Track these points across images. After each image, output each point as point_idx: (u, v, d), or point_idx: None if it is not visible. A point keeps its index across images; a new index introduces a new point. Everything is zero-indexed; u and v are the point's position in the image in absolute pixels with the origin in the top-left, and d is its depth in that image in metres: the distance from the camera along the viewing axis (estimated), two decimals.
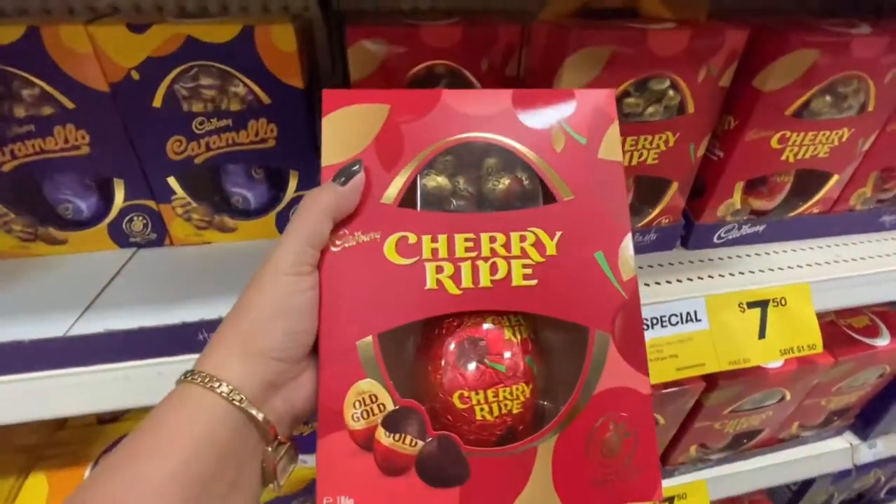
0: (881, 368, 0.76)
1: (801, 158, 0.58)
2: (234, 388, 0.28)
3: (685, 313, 0.55)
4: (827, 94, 0.53)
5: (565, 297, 0.32)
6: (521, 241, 0.33)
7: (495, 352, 0.32)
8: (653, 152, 0.54)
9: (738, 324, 0.56)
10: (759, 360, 0.56)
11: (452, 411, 0.32)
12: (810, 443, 0.89)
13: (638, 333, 0.32)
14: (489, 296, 0.32)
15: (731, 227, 0.63)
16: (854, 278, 0.61)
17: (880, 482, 1.23)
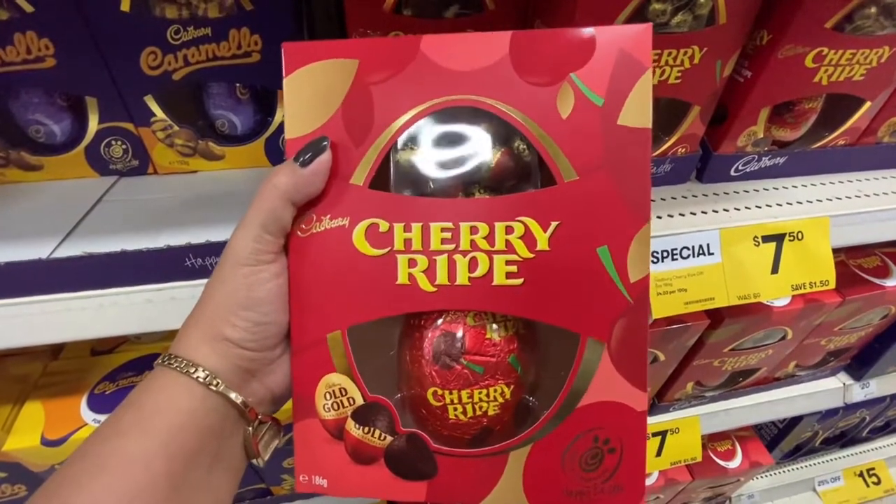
0: (886, 309, 0.76)
1: (834, 81, 0.53)
2: (211, 374, 0.28)
3: (697, 246, 0.53)
4: (872, 5, 0.48)
5: (555, 300, 0.28)
6: (508, 232, 0.28)
7: (474, 351, 0.29)
8: (675, 70, 0.49)
9: (752, 258, 0.54)
10: (770, 296, 0.54)
11: (426, 406, 0.31)
12: (804, 382, 0.90)
13: (640, 344, 0.28)
14: (466, 295, 0.29)
15: (751, 159, 0.60)
16: (876, 213, 0.58)
17: (864, 421, 1.27)
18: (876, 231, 0.60)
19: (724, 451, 1.06)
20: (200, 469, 0.27)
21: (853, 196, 0.60)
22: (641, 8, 0.45)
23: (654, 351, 0.68)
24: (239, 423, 0.30)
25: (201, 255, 0.44)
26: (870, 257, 0.76)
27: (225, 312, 0.28)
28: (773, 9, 0.48)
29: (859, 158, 0.63)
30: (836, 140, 0.61)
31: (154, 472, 0.25)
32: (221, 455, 0.29)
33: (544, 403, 0.30)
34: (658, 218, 0.54)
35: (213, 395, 0.28)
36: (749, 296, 0.54)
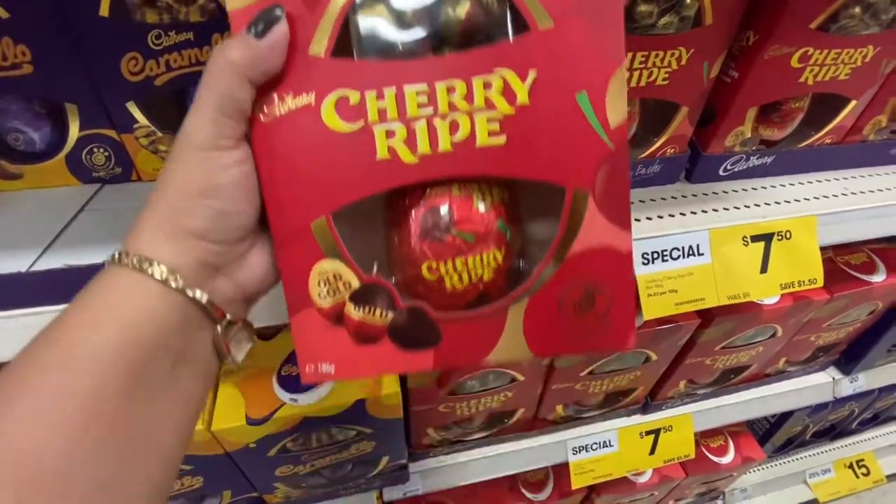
0: (873, 304, 0.77)
1: (820, 81, 0.53)
2: (169, 269, 0.25)
3: (687, 247, 0.53)
4: (857, 5, 0.48)
5: (539, 156, 0.28)
6: (486, 88, 0.26)
7: (463, 220, 0.29)
8: (663, 71, 0.49)
9: (741, 258, 0.54)
10: (760, 295, 0.55)
11: (423, 282, 0.30)
12: (794, 377, 0.91)
13: (623, 187, 0.29)
14: (450, 161, 0.27)
15: (739, 159, 0.60)
16: (862, 211, 0.59)
17: (853, 414, 1.29)
18: (863, 229, 0.60)
19: (716, 446, 1.07)
20: (162, 366, 0.25)
21: (840, 194, 0.60)
22: (629, 9, 0.45)
23: (646, 351, 0.68)
24: (205, 323, 0.27)
25: None
26: (857, 254, 0.77)
27: (183, 201, 0.25)
28: (758, 10, 0.48)
29: (845, 157, 0.64)
30: (822, 139, 0.61)
31: (107, 366, 0.22)
32: (188, 356, 0.26)
33: (537, 258, 0.30)
34: (648, 219, 0.54)
35: (173, 293, 0.25)
36: (739, 295, 0.54)
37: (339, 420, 0.53)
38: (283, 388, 0.53)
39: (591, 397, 0.76)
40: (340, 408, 0.52)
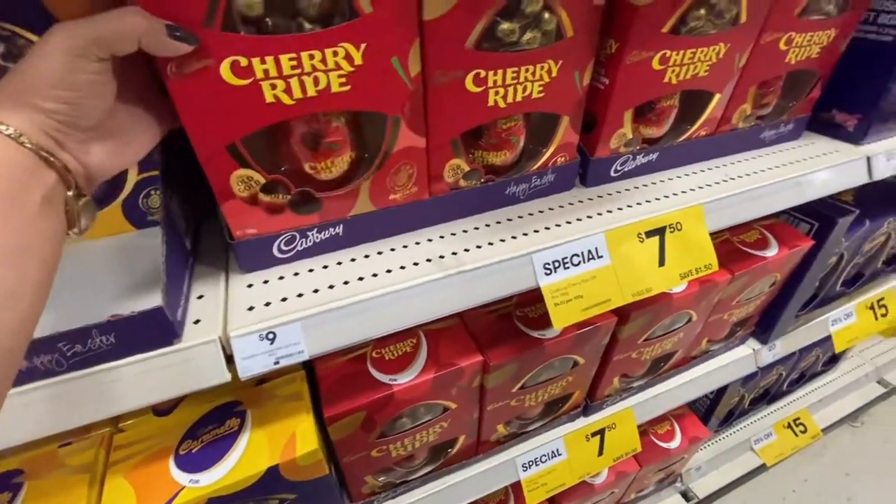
0: (773, 277, 0.82)
1: (683, 79, 0.57)
2: (20, 132, 0.28)
3: (587, 252, 0.53)
4: (701, 7, 0.52)
5: (371, 96, 0.42)
6: (334, 56, 0.39)
7: (328, 134, 0.44)
8: (537, 85, 0.50)
9: (639, 254, 0.55)
10: (662, 287, 0.56)
11: (307, 176, 0.46)
12: (719, 355, 0.96)
13: (419, 112, 0.46)
14: (316, 102, 0.40)
15: (626, 159, 0.62)
16: (743, 194, 0.63)
17: (782, 377, 1.38)
18: (747, 210, 0.64)
19: (664, 433, 1.10)
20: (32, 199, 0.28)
21: (721, 181, 0.64)
22: (491, 27, 0.45)
23: (572, 356, 0.68)
24: (56, 187, 0.30)
25: None
26: (750, 231, 0.82)
27: (38, 85, 0.29)
28: (615, 19, 0.51)
29: (722, 145, 0.68)
30: (697, 132, 0.65)
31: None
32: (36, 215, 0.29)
33: (374, 156, 0.47)
34: (546, 229, 0.54)
35: (25, 151, 0.28)
36: (643, 291, 0.55)
37: (255, 492, 0.48)
38: (181, 468, 0.47)
39: (530, 410, 0.75)
40: (251, 479, 0.47)
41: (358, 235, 0.51)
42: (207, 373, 0.41)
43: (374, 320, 0.46)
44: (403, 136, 0.46)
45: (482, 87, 0.47)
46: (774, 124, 0.71)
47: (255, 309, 0.44)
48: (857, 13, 0.63)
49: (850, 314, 1.07)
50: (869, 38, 0.68)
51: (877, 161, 0.71)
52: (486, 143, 0.54)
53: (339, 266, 0.49)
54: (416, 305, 0.47)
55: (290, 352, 0.43)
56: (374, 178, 0.48)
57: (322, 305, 0.44)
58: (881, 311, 1.11)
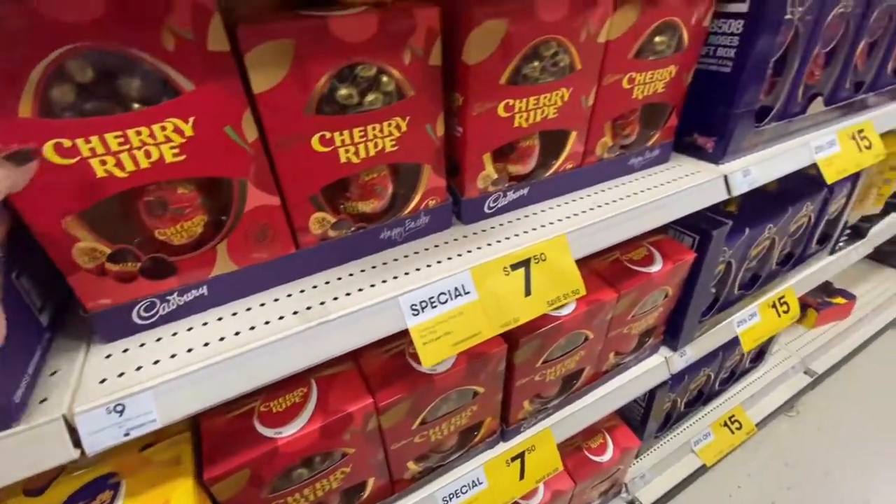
0: (663, 290, 0.87)
1: (534, 122, 0.62)
2: None
3: (454, 289, 0.56)
4: (534, 60, 0.57)
5: (209, 162, 0.45)
6: (163, 130, 0.41)
7: (175, 202, 0.46)
8: (388, 140, 0.53)
9: (505, 287, 0.59)
10: (529, 316, 0.60)
11: (160, 242, 0.48)
12: (633, 366, 1.00)
13: (266, 174, 0.49)
14: (151, 172, 0.43)
15: (498, 196, 0.66)
16: (608, 220, 0.67)
17: (712, 378, 1.44)
18: (613, 235, 0.69)
19: (596, 446, 1.13)
20: None
21: (588, 210, 0.69)
22: (331, 93, 0.48)
23: (470, 387, 0.70)
24: None
25: None
26: (639, 249, 0.88)
27: None
28: (455, 77, 0.55)
29: (590, 175, 0.73)
30: (564, 165, 0.70)
31: None
32: None
33: (228, 215, 0.49)
34: (417, 270, 0.57)
35: None
36: (510, 321, 0.58)
37: None
38: None
39: (442, 443, 0.76)
40: None
41: (225, 294, 0.53)
42: (53, 452, 0.41)
43: (230, 381, 0.47)
44: (253, 197, 0.49)
45: (330, 147, 0.50)
46: (640, 151, 0.77)
47: (106, 381, 0.44)
48: (692, 51, 0.70)
49: (753, 314, 1.14)
50: (712, 70, 0.76)
51: (734, 178, 0.78)
52: (352, 194, 0.57)
53: (205, 327, 0.50)
54: (277, 360, 0.48)
55: (141, 422, 0.43)
56: (229, 239, 0.50)
57: (177, 371, 0.45)
58: (783, 309, 1.19)
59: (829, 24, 0.78)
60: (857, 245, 1.36)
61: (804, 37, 0.76)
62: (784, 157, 0.84)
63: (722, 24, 0.72)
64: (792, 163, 0.86)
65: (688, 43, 0.69)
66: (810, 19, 0.75)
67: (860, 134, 0.95)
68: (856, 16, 0.82)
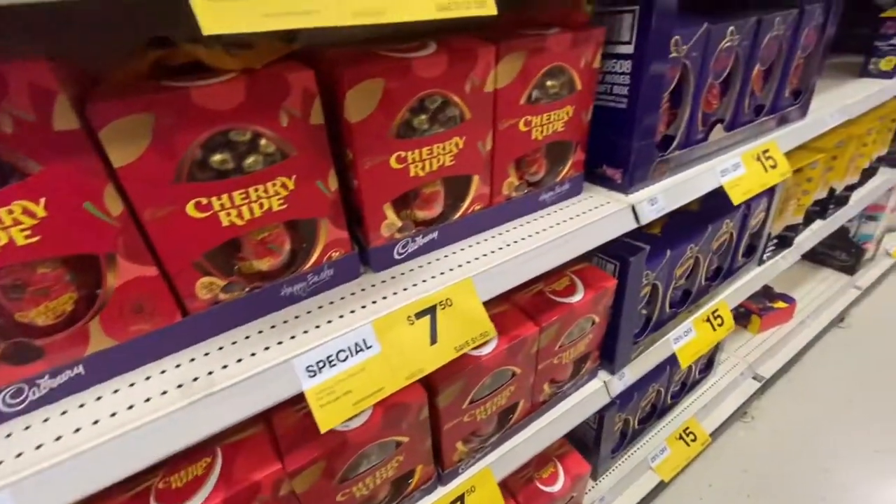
0: (589, 318, 0.89)
1: (431, 171, 0.62)
2: None
3: (354, 345, 0.55)
4: (420, 113, 0.58)
5: (68, 240, 0.44)
6: (10, 213, 0.40)
7: (36, 283, 0.44)
8: (274, 199, 0.53)
9: (410, 337, 0.58)
10: (436, 365, 0.59)
11: (23, 325, 0.46)
12: (571, 393, 1.00)
13: (139, 245, 0.48)
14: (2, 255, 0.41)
15: (406, 242, 0.66)
16: (517, 258, 0.68)
17: (662, 393, 1.46)
18: (522, 272, 0.70)
19: (548, 476, 1.12)
20: None
21: (497, 249, 0.70)
22: (203, 159, 0.48)
23: (393, 438, 0.69)
24: None
25: None
26: (562, 279, 0.89)
27: None
28: (341, 134, 0.56)
29: (501, 214, 0.75)
30: (471, 207, 0.71)
31: None
32: None
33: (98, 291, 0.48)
34: (317, 328, 0.56)
35: None
36: (416, 372, 0.58)
37: None
38: None
39: (372, 496, 0.74)
40: None
41: (105, 371, 0.50)
42: None
43: (105, 468, 0.44)
44: (125, 270, 0.48)
45: (208, 212, 0.49)
46: (550, 187, 0.79)
47: None
48: (586, 92, 0.74)
49: (689, 330, 1.17)
50: (611, 106, 0.79)
51: (641, 208, 0.81)
52: (246, 254, 0.56)
53: (81, 409, 0.48)
54: (158, 440, 0.46)
55: None
56: (102, 315, 0.48)
57: (42, 462, 0.42)
58: (717, 322, 1.23)
59: (718, 58, 0.83)
60: (785, 253, 1.42)
61: (694, 71, 0.81)
62: (691, 182, 0.88)
63: (614, 63, 0.76)
64: (699, 188, 0.90)
65: (580, 85, 0.72)
66: (697, 55, 0.80)
67: (765, 154, 1.01)
68: (744, 47, 0.88)
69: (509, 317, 0.81)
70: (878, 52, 1.48)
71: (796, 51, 0.99)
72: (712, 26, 0.79)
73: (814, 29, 1.00)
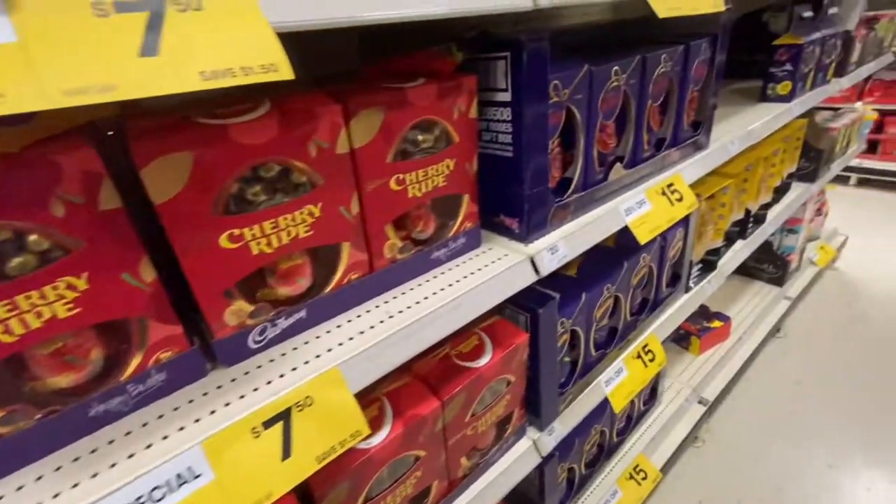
0: (502, 380, 0.81)
1: (282, 245, 0.54)
2: None
3: (176, 477, 0.45)
4: (253, 184, 0.50)
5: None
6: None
7: None
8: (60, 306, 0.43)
9: (255, 454, 0.48)
10: (290, 485, 0.49)
11: None
12: (497, 459, 0.92)
13: None
14: None
15: (265, 327, 0.57)
16: (405, 329, 0.60)
17: (606, 432, 1.40)
18: (409, 346, 0.62)
19: None
20: None
21: (378, 323, 0.61)
22: None
23: None
24: None
25: None
26: (470, 338, 0.82)
27: None
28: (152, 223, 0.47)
29: (382, 282, 0.67)
30: (347, 277, 0.63)
31: None
32: None
33: None
34: (130, 457, 0.45)
35: None
36: (262, 499, 0.48)
37: None
38: None
39: None
40: None
41: None
42: None
43: None
44: None
45: None
46: (442, 243, 0.72)
47: None
48: (466, 142, 0.68)
49: (620, 370, 1.13)
50: (499, 154, 0.74)
51: (540, 259, 0.75)
52: (38, 373, 0.45)
53: None
54: None
55: None
56: None
57: None
58: (648, 357, 1.19)
59: (605, 98, 0.81)
60: (710, 278, 1.42)
61: (581, 113, 0.78)
62: (594, 225, 0.84)
63: (495, 111, 0.71)
64: (604, 230, 0.86)
65: (458, 136, 0.66)
66: (582, 97, 0.77)
67: (670, 188, 1.00)
68: (632, 86, 0.87)
69: (407, 392, 0.72)
70: (775, 77, 1.55)
71: (688, 84, 0.99)
72: (594, 68, 0.76)
73: (702, 63, 1.01)
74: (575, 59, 0.77)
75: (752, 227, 1.63)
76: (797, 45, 1.46)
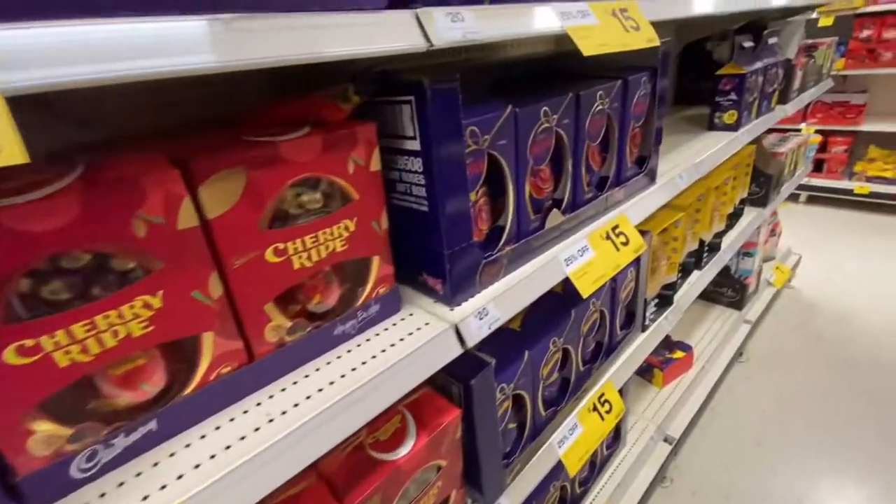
0: (430, 467, 0.70)
1: (106, 349, 0.42)
2: None
3: None
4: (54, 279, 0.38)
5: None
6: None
7: None
8: None
9: None
10: None
11: None
12: None
13: None
14: None
15: (93, 451, 0.44)
16: (288, 438, 0.49)
17: (567, 487, 1.30)
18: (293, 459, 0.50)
19: None
20: None
21: (253, 431, 0.49)
22: None
23: None
24: None
25: None
26: (392, 419, 0.70)
27: None
28: None
29: (264, 372, 0.55)
30: (214, 372, 0.51)
31: None
32: None
33: None
34: None
35: None
36: None
37: None
38: None
39: None
40: None
41: None
42: None
43: None
44: None
45: None
46: (350, 315, 0.61)
47: None
48: (369, 198, 0.58)
49: (574, 426, 1.03)
50: (414, 208, 0.65)
51: (466, 326, 0.65)
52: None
53: None
54: None
55: None
56: None
57: None
58: (605, 409, 1.10)
59: (535, 141, 0.73)
60: (667, 313, 1.36)
61: (507, 159, 0.69)
62: (530, 280, 0.75)
63: (406, 161, 0.62)
64: (541, 285, 0.77)
65: (357, 193, 0.56)
66: (507, 143, 0.68)
67: (615, 231, 0.92)
68: (566, 126, 0.79)
69: (309, 496, 0.60)
70: (721, 107, 1.53)
71: (629, 121, 0.93)
72: (520, 109, 0.68)
73: (643, 97, 0.96)
74: (497, 101, 0.68)
75: (707, 256, 1.59)
76: (740, 75, 1.45)
